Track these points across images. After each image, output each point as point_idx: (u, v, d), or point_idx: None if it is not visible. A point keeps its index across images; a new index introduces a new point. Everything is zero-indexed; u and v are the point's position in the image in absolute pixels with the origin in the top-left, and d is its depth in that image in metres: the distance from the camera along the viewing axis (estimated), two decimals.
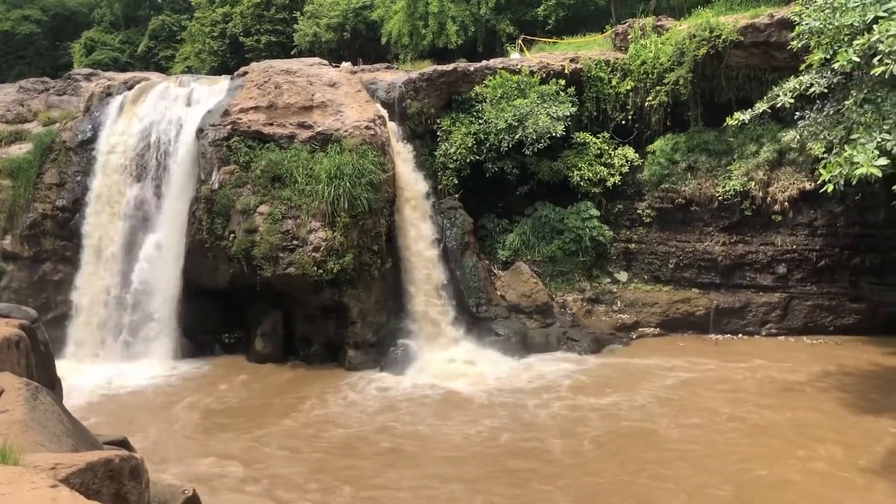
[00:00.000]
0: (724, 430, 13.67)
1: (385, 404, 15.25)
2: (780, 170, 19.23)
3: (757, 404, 14.87)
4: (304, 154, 17.67)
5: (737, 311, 19.65)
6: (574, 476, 11.93)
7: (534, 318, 19.22)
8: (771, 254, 19.47)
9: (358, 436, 13.72)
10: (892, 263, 18.99)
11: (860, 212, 18.87)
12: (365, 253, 17.32)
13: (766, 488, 11.48)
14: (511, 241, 20.46)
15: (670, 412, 14.52)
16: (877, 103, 12.36)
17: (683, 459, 12.56)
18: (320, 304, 17.59)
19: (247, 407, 15.13)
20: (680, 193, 19.98)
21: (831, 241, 19.15)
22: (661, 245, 20.51)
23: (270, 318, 18.02)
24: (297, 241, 16.99)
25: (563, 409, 14.79)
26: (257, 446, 13.23)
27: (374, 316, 17.68)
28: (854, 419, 14.01)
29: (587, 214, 20.36)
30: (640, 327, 19.69)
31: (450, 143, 19.76)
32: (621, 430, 13.80)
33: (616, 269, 20.82)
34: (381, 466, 12.45)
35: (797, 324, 19.42)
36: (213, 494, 11.18)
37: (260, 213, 17.35)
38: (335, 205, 16.87)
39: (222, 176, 17.88)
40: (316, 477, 12.04)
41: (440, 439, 13.60)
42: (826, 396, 15.20)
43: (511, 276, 19.87)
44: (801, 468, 12.12)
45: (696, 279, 20.14)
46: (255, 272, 17.11)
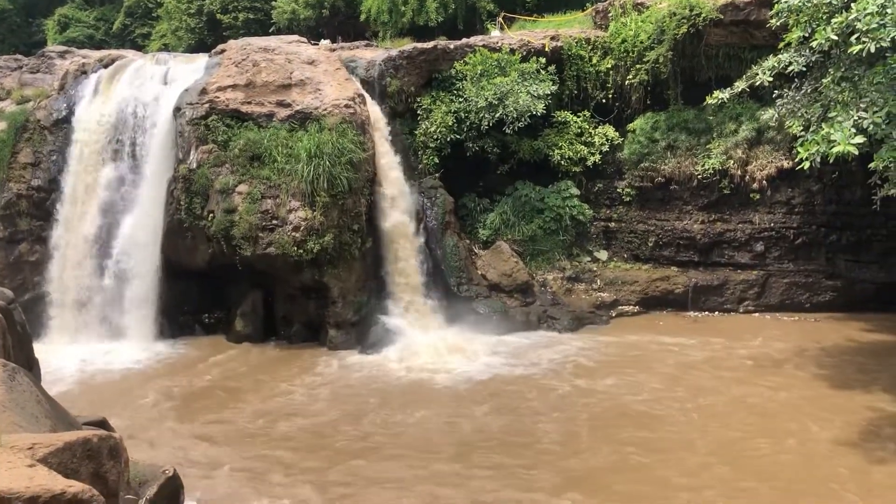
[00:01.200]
0: (702, 407, 13.82)
1: (366, 383, 15.28)
2: (758, 148, 19.37)
3: (735, 381, 15.06)
4: (283, 133, 17.56)
5: (715, 288, 19.84)
6: (563, 455, 12.01)
7: (514, 296, 19.30)
8: (749, 232, 19.65)
9: (340, 415, 13.75)
10: (867, 241, 19.23)
11: (837, 190, 19.07)
12: (345, 232, 17.27)
13: (739, 463, 11.65)
14: (492, 220, 20.48)
15: (650, 389, 14.67)
16: (854, 81, 12.44)
17: (666, 436, 12.70)
18: (300, 283, 17.55)
19: (227, 387, 15.10)
20: (659, 172, 20.07)
21: (808, 219, 19.35)
22: (641, 224, 20.62)
23: (250, 298, 17.96)
24: (277, 221, 16.90)
25: (543, 388, 14.89)
26: (238, 426, 13.22)
27: (355, 295, 17.66)
28: (831, 395, 14.23)
29: (567, 193, 20.41)
30: (619, 305, 19.83)
31: (430, 121, 19.69)
32: (603, 407, 13.92)
33: (596, 247, 20.92)
34: (361, 446, 12.48)
35: (774, 301, 19.66)
36: (194, 474, 11.16)
37: (239, 192, 17.23)
38: (315, 184, 16.78)
39: (200, 155, 17.72)
40: (297, 457, 12.06)
41: (420, 417, 13.65)
42: (803, 373, 15.42)
43: (492, 255, 19.91)
44: (778, 443, 12.31)
45: (675, 257, 20.30)
46: (235, 252, 17.02)
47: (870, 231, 19.13)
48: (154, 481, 9.62)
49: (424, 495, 10.79)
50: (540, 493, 10.74)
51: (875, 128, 10.88)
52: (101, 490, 4.86)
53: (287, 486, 11.05)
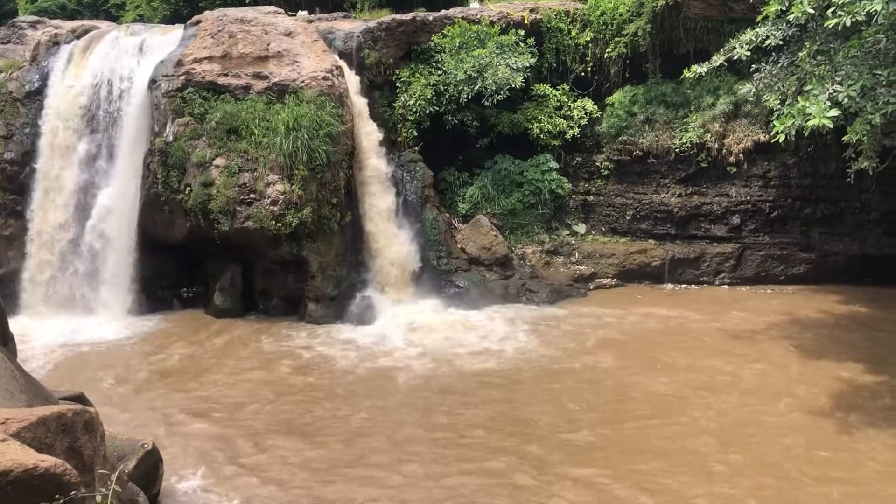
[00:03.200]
0: (676, 378, 14.02)
1: (345, 357, 15.32)
2: (735, 122, 19.48)
3: (709, 352, 15.28)
4: (260, 105, 17.40)
5: (691, 261, 20.03)
6: (549, 430, 12.13)
7: (493, 270, 19.38)
8: (725, 205, 19.82)
9: (318, 388, 13.81)
10: (841, 214, 19.48)
11: (812, 163, 19.26)
12: (324, 206, 17.21)
13: (709, 433, 11.85)
14: (471, 193, 20.49)
15: (627, 362, 14.84)
16: (829, 55, 12.51)
17: (640, 407, 12.88)
18: (279, 257, 17.50)
19: (206, 361, 15.10)
20: (637, 146, 20.15)
21: (784, 193, 19.54)
22: (619, 197, 20.73)
23: (229, 272, 17.89)
24: (255, 195, 16.81)
25: (521, 359, 15.02)
26: (217, 400, 13.25)
27: (334, 269, 17.64)
28: (804, 365, 14.48)
29: (546, 167, 20.44)
30: (597, 278, 19.98)
31: (409, 94, 19.58)
32: (582, 379, 14.08)
33: (574, 221, 21.01)
34: (340, 418, 12.56)
35: (750, 273, 19.89)
36: (173, 448, 11.20)
37: (216, 165, 17.10)
38: (293, 157, 16.68)
39: (177, 128, 17.54)
40: (277, 430, 12.12)
41: (398, 387, 13.76)
42: (777, 344, 15.66)
43: (471, 228, 19.94)
44: (752, 412, 12.53)
45: (653, 230, 20.45)
46: (213, 226, 16.93)
47: (843, 204, 19.37)
48: (133, 455, 9.68)
49: (401, 457, 10.92)
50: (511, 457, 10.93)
51: (849, 101, 10.96)
52: (76, 464, 4.88)
53: (266, 459, 11.11)
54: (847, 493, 10.04)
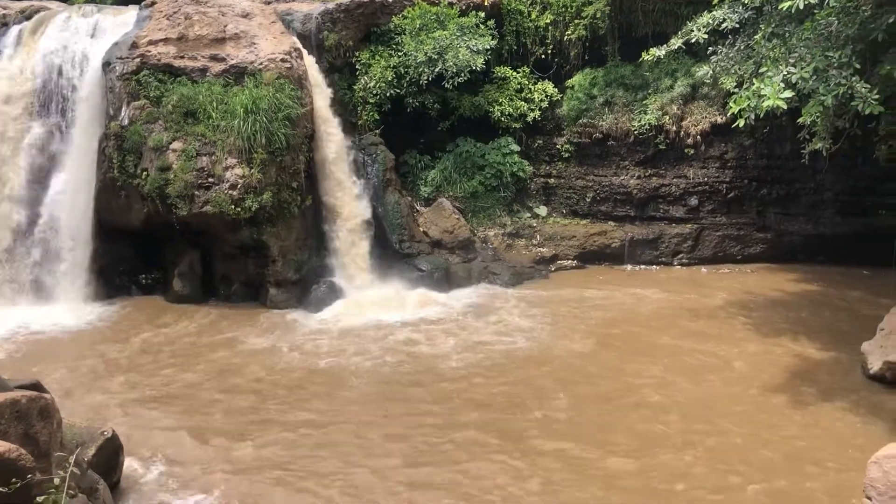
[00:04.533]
0: (639, 356, 14.25)
1: (307, 341, 15.27)
2: (693, 104, 19.73)
3: (667, 330, 15.54)
4: (217, 88, 17.16)
5: (650, 242, 20.31)
6: (501, 410, 12.24)
7: (456, 253, 19.43)
8: (683, 186, 20.10)
9: (279, 373, 13.74)
10: (796, 194, 19.87)
11: (768, 144, 19.60)
12: (284, 190, 17.06)
13: (666, 409, 12.07)
14: (433, 177, 20.47)
15: (587, 341, 15.02)
16: (784, 38, 12.72)
17: (607, 385, 13.07)
18: (239, 242, 17.32)
19: (164, 348, 14.91)
20: (597, 128, 20.30)
21: (740, 174, 19.87)
22: (579, 179, 20.88)
23: (188, 258, 17.65)
24: (213, 179, 16.60)
25: (481, 339, 15.12)
26: (177, 387, 13.11)
27: (296, 254, 17.53)
28: (759, 343, 14.81)
29: (508, 150, 20.50)
30: (558, 260, 20.14)
31: (369, 76, 19.44)
32: (539, 357, 14.22)
33: (536, 203, 21.13)
34: (301, 401, 12.52)
35: (707, 253, 20.24)
36: (133, 436, 11.08)
37: (173, 149, 16.84)
38: (252, 141, 16.49)
39: (132, 111, 17.22)
40: (238, 416, 12.04)
41: (361, 372, 13.76)
42: (734, 322, 15.99)
43: (433, 212, 19.94)
44: (708, 389, 12.80)
45: (612, 212, 20.66)
46: (171, 211, 16.69)
47: (798, 185, 19.76)
48: (92, 443, 9.58)
49: (360, 431, 10.96)
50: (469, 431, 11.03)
51: (803, 82, 11.17)
52: (31, 450, 4.82)
53: (227, 446, 11.03)
54: (789, 456, 10.37)
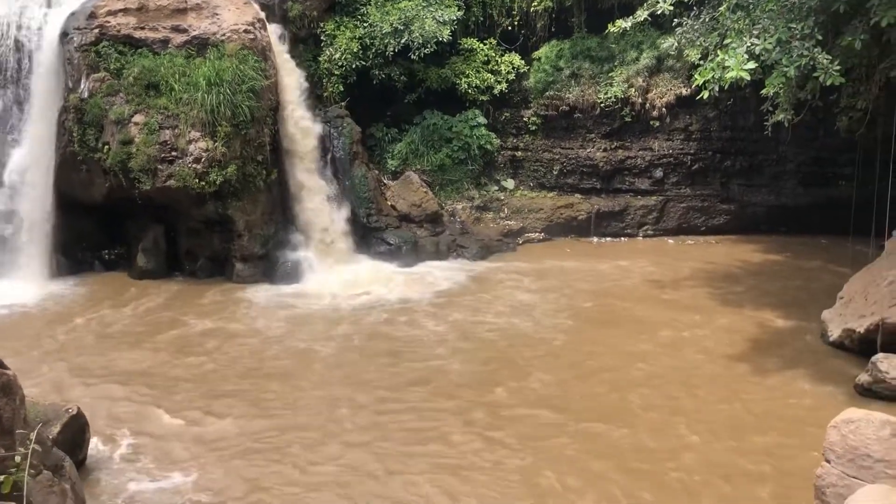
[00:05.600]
0: (604, 326, 14.43)
1: (272, 316, 15.20)
2: (658, 76, 19.85)
3: (635, 300, 15.76)
4: (179, 60, 16.82)
5: (616, 214, 20.49)
6: (475, 384, 12.30)
7: (424, 226, 19.41)
8: (649, 158, 20.28)
9: (246, 349, 13.65)
10: (759, 166, 20.17)
11: (732, 116, 19.83)
12: (249, 163, 16.86)
13: (640, 380, 12.26)
14: (400, 150, 20.37)
15: (557, 313, 15.15)
16: (748, 9, 12.79)
17: (565, 357, 13.21)
18: (204, 217, 17.11)
19: (129, 324, 14.73)
20: (564, 101, 20.33)
21: (705, 146, 20.09)
22: (546, 152, 20.93)
23: (152, 233, 17.40)
24: (177, 153, 16.34)
25: (448, 311, 15.18)
26: (143, 363, 12.96)
27: (262, 228, 17.37)
28: (723, 312, 15.07)
29: (475, 122, 20.45)
30: (526, 233, 20.25)
31: (334, 48, 19.22)
32: (510, 332, 14.32)
33: (503, 176, 21.15)
34: (269, 376, 12.46)
35: (672, 225, 20.50)
36: (99, 413, 10.96)
37: (135, 123, 16.53)
38: (215, 114, 16.22)
39: (92, 84, 16.85)
40: (205, 391, 11.96)
41: (329, 346, 13.74)
42: (698, 292, 16.24)
43: (401, 185, 19.88)
44: (673, 358, 13.01)
45: (579, 185, 20.78)
46: (133, 185, 16.42)
47: (761, 156, 20.04)
48: (57, 420, 9.47)
49: (320, 409, 10.98)
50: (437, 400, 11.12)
51: (766, 54, 11.28)
52: None
53: (197, 422, 10.95)
54: (751, 422, 10.62)
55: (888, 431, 7.40)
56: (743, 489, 9.19)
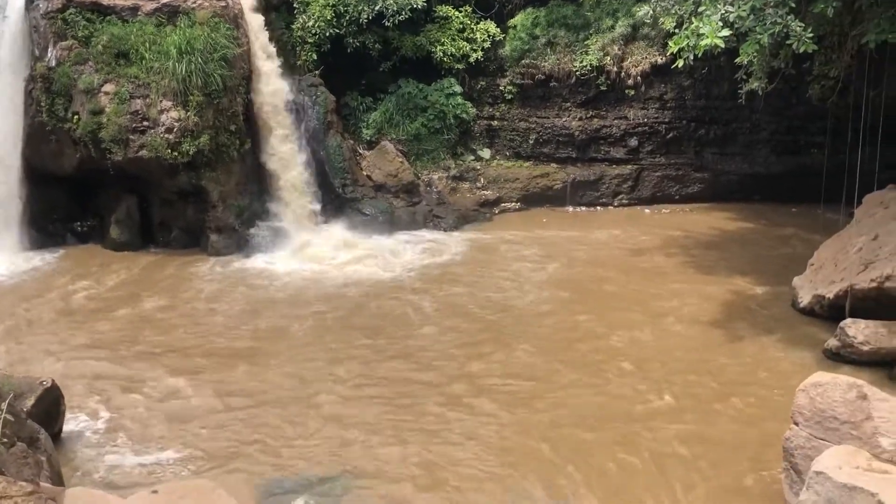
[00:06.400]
0: (579, 292, 14.55)
1: (249, 286, 15.16)
2: (633, 44, 19.82)
3: (610, 268, 15.93)
4: (149, 28, 16.53)
5: (592, 183, 20.56)
6: (453, 354, 12.36)
7: (400, 196, 19.35)
8: (624, 127, 20.32)
9: (222, 319, 13.64)
10: (733, 134, 20.30)
11: (706, 85, 19.88)
12: (222, 133, 16.66)
13: (618, 349, 12.41)
14: (375, 119, 20.21)
15: (534, 282, 15.27)
16: None
17: (544, 326, 13.33)
18: (177, 187, 16.94)
19: (102, 297, 14.60)
20: (540, 69, 20.25)
21: (679, 114, 20.16)
22: (522, 121, 20.87)
23: (125, 204, 17.19)
24: (149, 122, 16.12)
25: (426, 283, 15.23)
26: (118, 335, 12.91)
27: (236, 199, 17.23)
28: (697, 279, 15.26)
29: (451, 91, 20.31)
30: (502, 202, 20.27)
31: (308, 15, 18.95)
32: (489, 301, 14.41)
33: (479, 146, 21.09)
34: (243, 351, 12.41)
35: (647, 194, 20.62)
36: (74, 386, 10.92)
37: (105, 92, 16.26)
38: (187, 83, 15.99)
39: (59, 52, 16.52)
40: (180, 363, 11.95)
41: (305, 316, 13.76)
42: (672, 260, 16.42)
43: (377, 155, 19.76)
44: (650, 323, 13.21)
45: (555, 154, 20.77)
46: (105, 156, 16.19)
47: (735, 125, 20.17)
48: (31, 393, 9.44)
49: (292, 379, 11.03)
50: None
51: (740, 21, 11.27)
52: None
53: (169, 395, 10.94)
54: (724, 385, 10.87)
55: (854, 394, 7.59)
56: (714, 452, 9.38)
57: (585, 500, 8.55)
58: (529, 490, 8.69)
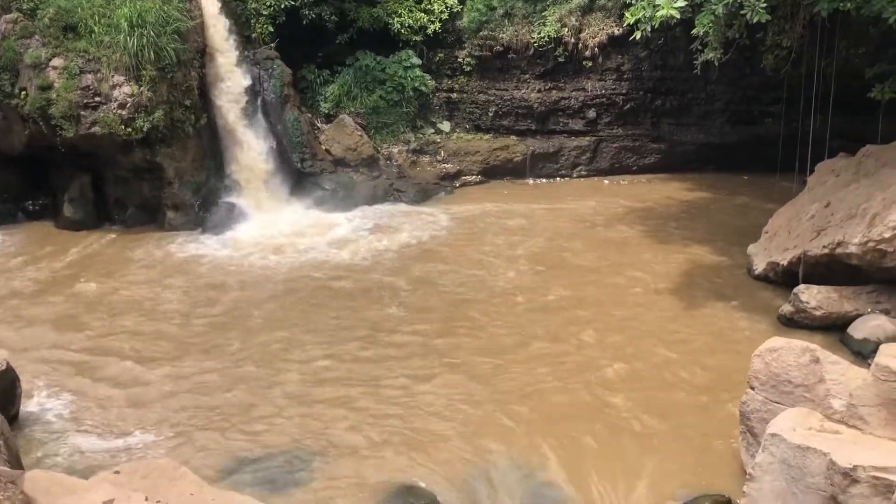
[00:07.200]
0: (539, 262, 14.66)
1: (208, 263, 14.99)
2: (591, 15, 19.84)
3: (570, 238, 16.08)
4: (98, 0, 16.10)
5: (551, 155, 20.65)
6: (421, 331, 12.36)
7: (360, 171, 19.23)
8: (582, 99, 20.40)
9: (179, 297, 13.47)
10: (688, 105, 20.51)
11: (662, 56, 20.01)
12: (176, 109, 16.35)
13: (569, 313, 12.56)
14: (333, 92, 19.99)
15: (495, 255, 15.35)
16: None
17: (505, 299, 13.43)
18: (132, 164, 16.61)
19: (56, 277, 14.33)
20: (498, 41, 20.18)
21: (636, 85, 20.27)
22: (482, 94, 20.82)
23: (77, 182, 16.81)
24: (100, 98, 15.74)
25: (390, 259, 15.21)
26: (74, 317, 12.69)
27: (192, 175, 16.97)
28: (654, 248, 15.46)
29: (409, 63, 20.15)
30: (462, 176, 20.25)
31: None
32: (452, 275, 14.46)
33: (439, 119, 21.00)
34: (202, 331, 12.26)
35: (605, 165, 20.79)
36: (31, 368, 10.76)
37: (54, 67, 15.83)
38: (139, 57, 15.64)
39: (4, 25, 16.04)
40: (140, 344, 11.77)
41: (265, 290, 13.69)
42: (630, 229, 16.62)
43: (335, 129, 19.58)
44: (609, 293, 13.38)
45: (514, 126, 20.79)
46: (55, 133, 15.78)
47: (690, 95, 20.36)
48: None
49: (257, 358, 11.00)
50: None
51: None
52: None
53: (126, 376, 10.79)
54: (681, 353, 11.06)
55: (807, 358, 7.80)
56: (672, 418, 9.58)
57: (547, 466, 8.69)
58: (494, 459, 8.80)
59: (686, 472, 8.59)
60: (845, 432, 7.17)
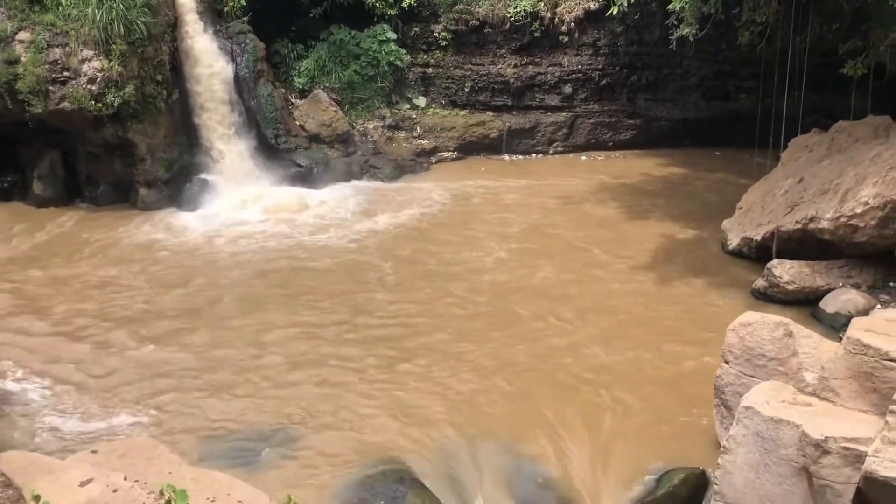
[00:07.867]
0: (515, 239, 14.69)
1: (181, 240, 14.83)
2: None
3: (546, 213, 16.15)
4: None
5: (527, 131, 20.64)
6: (395, 310, 12.35)
7: (335, 147, 19.09)
8: (558, 74, 20.38)
9: (154, 273, 13.33)
10: (664, 80, 20.57)
11: (638, 31, 20.02)
12: (148, 84, 16.07)
13: (541, 291, 12.62)
14: (307, 66, 19.78)
15: (471, 233, 15.34)
16: None
17: (482, 278, 13.45)
18: (103, 140, 16.32)
19: (26, 256, 14.07)
20: (474, 15, 20.08)
21: (612, 61, 20.28)
22: (458, 69, 20.72)
23: (47, 159, 16.50)
24: (69, 73, 15.42)
25: (366, 238, 15.15)
26: (45, 296, 12.48)
27: (165, 151, 16.73)
28: (629, 223, 15.55)
29: (384, 37, 19.97)
30: (439, 152, 20.20)
31: None
32: (428, 252, 14.42)
33: (415, 94, 20.88)
34: (176, 311, 12.08)
35: (581, 141, 20.84)
36: (4, 346, 10.60)
37: (20, 40, 15.45)
38: (109, 31, 15.33)
39: None
40: (111, 324, 11.62)
41: (240, 265, 13.59)
42: (605, 206, 16.69)
43: (309, 104, 19.39)
44: (583, 270, 13.44)
45: (490, 102, 20.74)
46: (23, 108, 15.42)
47: (666, 71, 20.42)
48: None
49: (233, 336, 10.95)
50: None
51: None
52: None
53: (99, 355, 10.69)
54: (656, 327, 11.17)
55: (781, 332, 7.90)
56: (648, 392, 9.68)
57: (527, 442, 8.76)
58: (474, 435, 8.87)
59: (661, 445, 8.68)
60: (817, 405, 7.28)
